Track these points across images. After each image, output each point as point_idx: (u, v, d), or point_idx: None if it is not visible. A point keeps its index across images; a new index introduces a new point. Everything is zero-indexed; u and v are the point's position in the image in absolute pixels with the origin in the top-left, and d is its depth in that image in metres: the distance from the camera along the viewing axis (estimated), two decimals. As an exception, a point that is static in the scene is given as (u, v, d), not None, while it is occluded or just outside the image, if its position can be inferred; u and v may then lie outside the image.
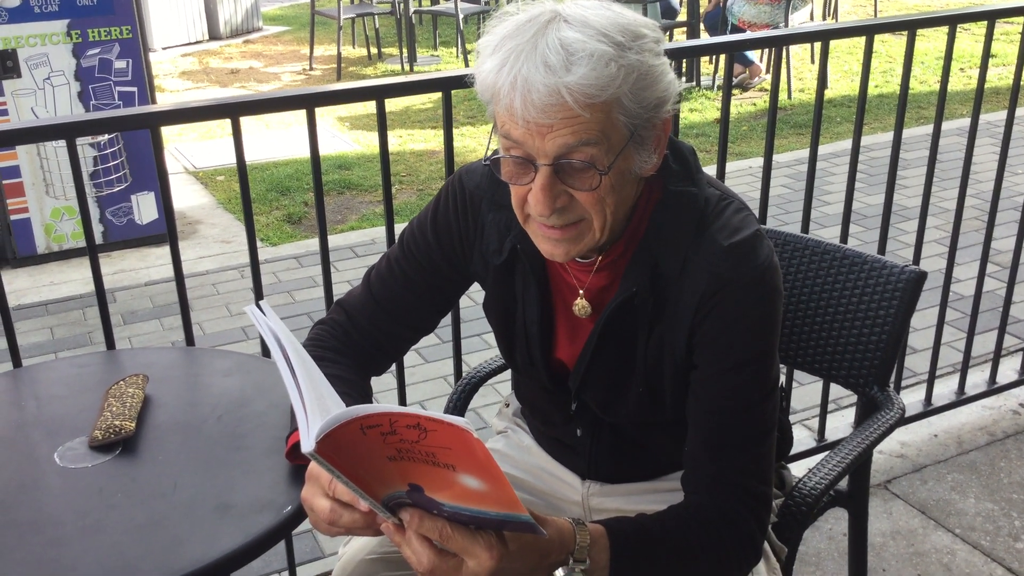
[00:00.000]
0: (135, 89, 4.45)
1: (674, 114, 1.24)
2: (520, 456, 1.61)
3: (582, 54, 1.10)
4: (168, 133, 6.18)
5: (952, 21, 2.55)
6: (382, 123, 2.00)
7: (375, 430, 0.91)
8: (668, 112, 1.21)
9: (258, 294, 2.02)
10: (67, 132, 1.79)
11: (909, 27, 2.50)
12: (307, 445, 0.90)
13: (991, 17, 2.61)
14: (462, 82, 1.89)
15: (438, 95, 2.04)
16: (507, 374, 2.01)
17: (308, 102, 1.90)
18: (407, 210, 5.04)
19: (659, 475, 1.49)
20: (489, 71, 1.15)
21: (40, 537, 1.25)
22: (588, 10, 1.15)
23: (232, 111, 1.85)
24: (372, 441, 0.92)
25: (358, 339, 1.47)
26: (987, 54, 2.62)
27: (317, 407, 0.96)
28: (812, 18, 7.23)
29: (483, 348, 3.56)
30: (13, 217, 4.43)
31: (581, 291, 1.36)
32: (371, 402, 1.45)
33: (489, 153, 1.25)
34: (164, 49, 9.07)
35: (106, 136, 4.46)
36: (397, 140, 6.31)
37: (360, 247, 4.55)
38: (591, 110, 1.12)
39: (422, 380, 3.41)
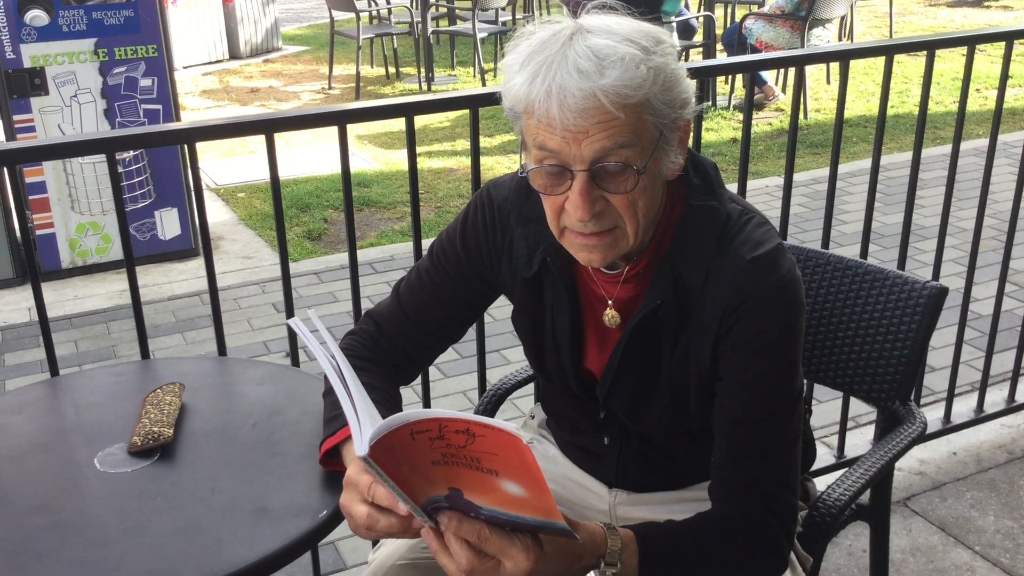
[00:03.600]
0: (160, 107, 4.53)
1: (695, 117, 1.28)
2: (546, 466, 1.64)
3: (613, 58, 1.15)
4: (190, 150, 6.25)
5: (971, 42, 2.58)
6: (411, 140, 2.04)
7: (424, 435, 0.94)
8: (691, 113, 1.25)
9: (288, 307, 2.06)
10: (105, 147, 1.83)
11: (928, 47, 2.53)
12: (361, 450, 0.93)
13: (1009, 38, 2.64)
14: (490, 99, 1.93)
15: (455, 114, 2.08)
16: (528, 389, 2.04)
17: (340, 119, 1.95)
18: (425, 227, 5.08)
19: (686, 484, 1.52)
20: (520, 84, 1.19)
21: (83, 539, 1.28)
22: (608, 20, 1.21)
23: (266, 127, 1.89)
24: (420, 446, 0.96)
25: (387, 348, 1.51)
26: (1005, 75, 2.64)
27: (367, 413, 0.99)
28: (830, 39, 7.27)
29: (502, 364, 3.59)
30: (38, 232, 4.49)
31: (610, 301, 1.39)
32: (401, 410, 1.49)
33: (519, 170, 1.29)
34: (185, 68, 9.18)
35: (131, 153, 4.53)
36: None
37: (379, 263, 4.59)
38: (625, 111, 1.16)
39: (442, 395, 3.44)
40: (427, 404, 2.37)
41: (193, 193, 1.91)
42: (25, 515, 1.33)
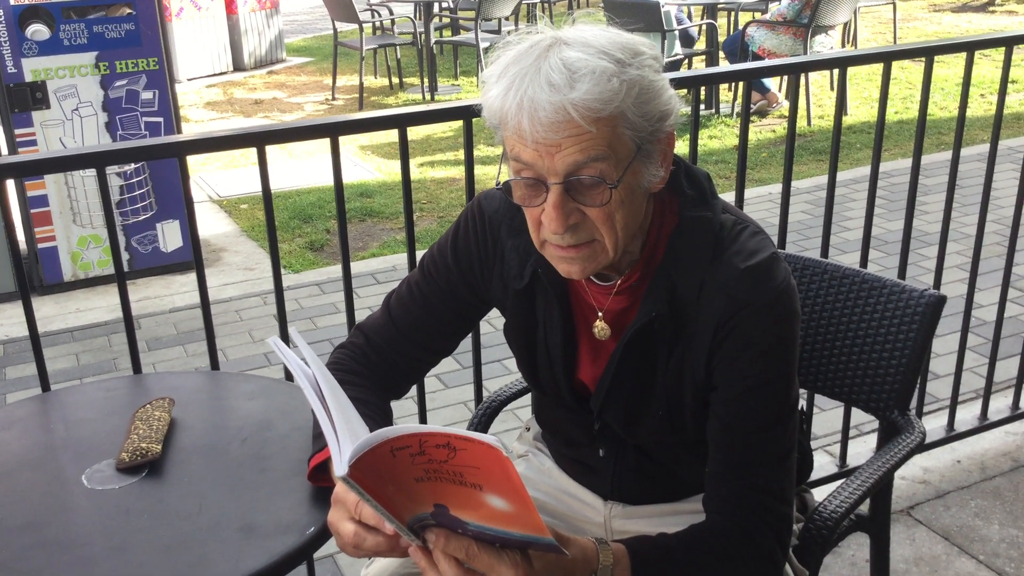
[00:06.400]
0: (161, 119, 4.53)
1: (678, 130, 1.26)
2: (541, 479, 1.62)
3: (584, 71, 1.13)
4: (193, 162, 6.27)
5: (970, 48, 2.56)
6: (404, 151, 2.03)
7: (404, 451, 0.93)
8: (671, 126, 1.23)
9: (282, 322, 2.05)
10: (96, 161, 1.83)
11: (927, 54, 2.51)
12: (340, 469, 0.91)
13: (1009, 43, 2.62)
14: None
15: (459, 124, 2.07)
16: (526, 399, 2.02)
17: (332, 131, 1.94)
18: (427, 237, 5.07)
19: (682, 497, 1.49)
20: (495, 97, 1.18)
21: (68, 556, 1.27)
22: (587, 32, 1.19)
23: (258, 140, 1.89)
24: (401, 463, 0.94)
25: (377, 362, 1.49)
26: (1005, 80, 2.62)
27: (347, 431, 0.98)
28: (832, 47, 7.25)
29: (503, 374, 3.57)
30: (40, 245, 4.50)
31: (600, 313, 1.37)
32: (392, 424, 1.47)
33: (501, 179, 1.28)
34: (189, 80, 9.21)
35: (133, 165, 4.53)
36: (418, 168, 6.37)
37: (381, 274, 4.58)
38: (597, 125, 1.15)
39: (442, 406, 3.42)
40: (424, 415, 2.36)
41: (185, 207, 1.90)
42: (12, 534, 1.32)
